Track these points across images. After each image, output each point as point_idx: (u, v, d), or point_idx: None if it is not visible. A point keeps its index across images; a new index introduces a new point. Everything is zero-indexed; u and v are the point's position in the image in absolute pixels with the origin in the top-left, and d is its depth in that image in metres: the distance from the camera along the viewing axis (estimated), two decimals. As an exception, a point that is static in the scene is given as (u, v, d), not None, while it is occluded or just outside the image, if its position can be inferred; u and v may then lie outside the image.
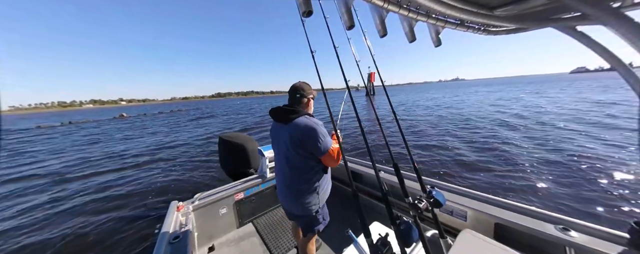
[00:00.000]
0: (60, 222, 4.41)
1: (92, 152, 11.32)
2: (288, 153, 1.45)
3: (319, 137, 1.37)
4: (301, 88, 1.54)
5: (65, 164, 9.21)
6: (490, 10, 1.31)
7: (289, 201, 1.54)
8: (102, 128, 23.87)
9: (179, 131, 17.42)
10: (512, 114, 13.41)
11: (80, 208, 5.02)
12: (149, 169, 7.63)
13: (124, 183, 6.39)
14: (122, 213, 4.58)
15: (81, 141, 15.52)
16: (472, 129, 9.99)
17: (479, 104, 19.91)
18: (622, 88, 27.92)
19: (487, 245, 1.10)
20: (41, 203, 5.40)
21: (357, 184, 2.85)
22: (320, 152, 1.38)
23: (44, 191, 6.23)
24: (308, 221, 1.57)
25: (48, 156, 11.23)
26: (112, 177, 7.06)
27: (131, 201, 5.15)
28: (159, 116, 40.03)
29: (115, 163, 8.66)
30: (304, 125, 1.40)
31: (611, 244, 1.24)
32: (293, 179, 1.48)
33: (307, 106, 1.59)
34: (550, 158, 5.85)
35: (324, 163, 1.45)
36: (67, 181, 6.97)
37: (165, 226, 1.78)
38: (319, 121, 1.47)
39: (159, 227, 1.79)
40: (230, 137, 3.03)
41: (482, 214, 1.69)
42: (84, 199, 5.50)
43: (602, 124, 9.31)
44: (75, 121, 37.20)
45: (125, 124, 26.79)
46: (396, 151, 5.96)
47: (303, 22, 1.34)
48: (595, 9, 0.99)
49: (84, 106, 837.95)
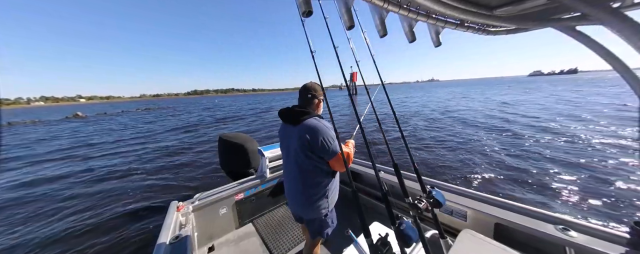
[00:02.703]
0: (60, 222, 4.41)
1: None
2: (297, 156, 1.43)
3: (328, 139, 1.36)
4: (313, 88, 1.52)
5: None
6: (490, 10, 1.31)
7: (299, 205, 1.52)
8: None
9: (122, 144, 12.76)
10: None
11: (80, 207, 5.03)
12: (149, 169, 7.63)
13: (124, 183, 6.39)
14: (122, 213, 4.58)
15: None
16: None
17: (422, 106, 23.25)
18: (537, 91, 33.68)
19: (487, 245, 1.10)
20: (40, 204, 5.39)
21: (357, 184, 2.85)
22: (329, 156, 1.37)
23: (44, 192, 6.22)
24: (317, 225, 1.55)
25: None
26: (112, 177, 7.05)
27: (131, 201, 5.15)
28: (120, 115, 35.14)
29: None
30: (314, 127, 1.38)
31: (611, 244, 1.24)
32: (304, 183, 1.46)
33: (318, 107, 1.56)
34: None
35: (331, 167, 1.43)
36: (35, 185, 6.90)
37: (165, 226, 1.78)
38: (328, 124, 1.45)
39: (158, 227, 1.79)
40: (230, 137, 3.03)
41: (482, 214, 1.69)
42: (84, 198, 5.50)
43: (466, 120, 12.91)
44: (14, 122, 31.01)
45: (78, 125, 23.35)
46: (396, 151, 6.05)
47: (303, 22, 1.34)
48: (595, 9, 0.99)
49: (32, 104, 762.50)
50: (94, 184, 6.54)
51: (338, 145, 1.37)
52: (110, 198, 5.42)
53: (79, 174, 7.52)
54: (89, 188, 6.24)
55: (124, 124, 22.17)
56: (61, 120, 32.31)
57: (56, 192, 6.13)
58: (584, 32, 1.23)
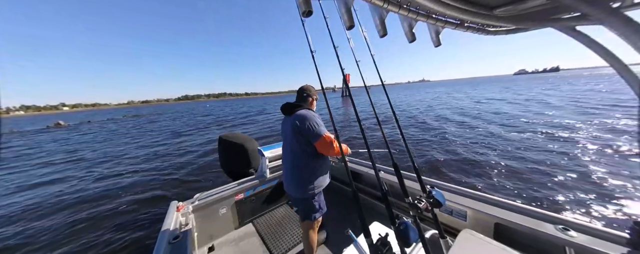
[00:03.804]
0: (59, 222, 4.41)
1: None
2: (291, 141, 1.67)
3: (313, 123, 1.59)
4: (308, 89, 1.85)
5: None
6: (490, 10, 1.31)
7: (290, 185, 1.74)
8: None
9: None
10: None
11: (79, 208, 5.02)
12: (149, 169, 7.63)
13: (124, 183, 6.39)
14: (122, 213, 4.58)
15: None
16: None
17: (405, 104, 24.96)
18: (511, 89, 34.74)
19: (487, 245, 1.10)
20: (41, 204, 5.39)
21: (357, 184, 2.85)
22: (314, 137, 1.57)
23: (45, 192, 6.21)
24: (305, 207, 1.75)
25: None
26: (111, 177, 7.05)
27: (131, 201, 5.15)
28: (105, 124, 32.00)
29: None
30: (303, 114, 1.64)
31: (611, 244, 1.24)
32: (293, 164, 1.70)
33: (311, 104, 1.85)
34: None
35: (318, 149, 1.61)
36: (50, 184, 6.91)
37: (165, 226, 1.78)
38: (316, 114, 1.71)
39: (158, 227, 1.79)
40: (230, 137, 3.03)
41: (482, 214, 1.69)
42: (84, 198, 5.50)
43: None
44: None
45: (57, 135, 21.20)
46: (395, 151, 6.11)
47: (303, 22, 1.34)
48: (594, 8, 0.99)
49: (12, 114, 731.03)
50: (92, 184, 6.54)
51: (324, 130, 1.61)
52: (111, 198, 5.42)
53: (78, 175, 7.52)
54: (88, 189, 6.24)
55: (112, 131, 21.15)
56: (41, 129, 29.83)
57: (56, 191, 6.12)
58: (584, 32, 1.23)
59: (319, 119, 1.66)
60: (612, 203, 3.77)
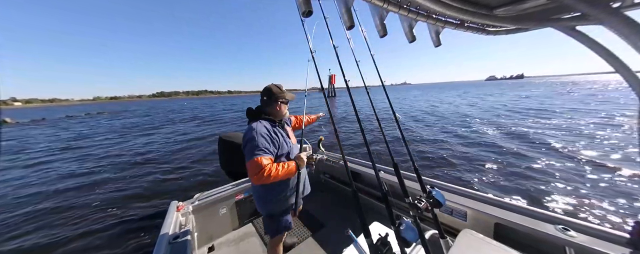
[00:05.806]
0: (59, 223, 4.41)
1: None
2: None
3: (249, 145, 1.34)
4: (267, 92, 1.51)
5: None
6: (490, 10, 1.31)
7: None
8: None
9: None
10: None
11: (79, 208, 5.02)
12: (149, 169, 7.62)
13: (124, 184, 6.39)
14: (122, 213, 4.57)
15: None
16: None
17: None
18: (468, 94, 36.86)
19: (487, 245, 1.10)
20: (42, 203, 5.39)
21: (357, 184, 2.85)
22: (246, 160, 1.34)
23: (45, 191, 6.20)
24: (264, 221, 1.70)
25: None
26: (111, 177, 7.05)
27: (131, 201, 5.15)
28: (63, 121, 29.30)
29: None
30: (247, 130, 1.42)
31: (611, 244, 1.24)
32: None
33: (279, 109, 1.54)
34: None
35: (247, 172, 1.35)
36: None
37: (165, 226, 1.78)
38: (262, 130, 1.39)
39: (158, 227, 1.79)
40: (230, 137, 3.02)
41: (481, 214, 1.69)
42: (84, 199, 5.49)
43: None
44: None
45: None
46: (396, 151, 6.19)
47: (303, 22, 1.34)
48: (595, 9, 0.99)
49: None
50: (91, 185, 6.53)
51: (258, 154, 1.31)
52: (110, 198, 5.42)
53: (76, 174, 7.52)
54: (87, 189, 6.23)
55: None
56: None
57: (55, 192, 6.12)
58: (584, 32, 1.23)
59: (261, 138, 1.35)
60: (611, 202, 3.77)
